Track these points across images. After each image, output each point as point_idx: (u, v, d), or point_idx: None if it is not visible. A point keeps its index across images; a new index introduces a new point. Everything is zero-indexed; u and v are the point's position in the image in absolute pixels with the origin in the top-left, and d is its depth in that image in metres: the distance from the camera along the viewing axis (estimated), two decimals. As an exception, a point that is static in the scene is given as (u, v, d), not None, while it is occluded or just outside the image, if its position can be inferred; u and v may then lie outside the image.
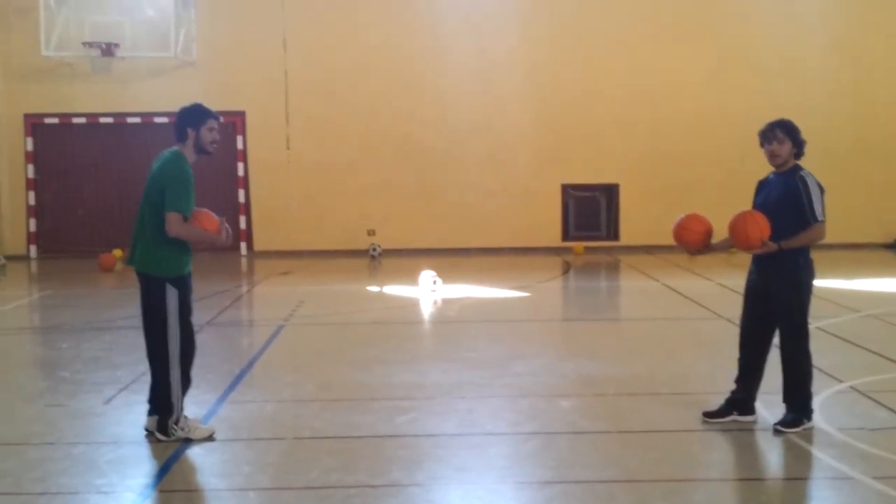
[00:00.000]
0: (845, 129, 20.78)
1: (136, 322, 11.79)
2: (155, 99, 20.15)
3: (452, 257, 19.56)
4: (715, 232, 7.11)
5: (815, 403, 6.99)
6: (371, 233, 20.75)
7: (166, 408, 6.63)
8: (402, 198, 20.83)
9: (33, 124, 20.56)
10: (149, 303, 6.68)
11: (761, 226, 6.60)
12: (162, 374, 6.63)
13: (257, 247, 20.68)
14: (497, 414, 7.47)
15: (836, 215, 21.42)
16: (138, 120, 20.43)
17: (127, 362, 9.39)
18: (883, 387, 8.08)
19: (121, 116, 20.48)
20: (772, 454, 6.51)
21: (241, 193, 20.21)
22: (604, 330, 12.10)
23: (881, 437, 6.65)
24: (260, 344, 10.52)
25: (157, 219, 6.57)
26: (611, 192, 21.23)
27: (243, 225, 20.28)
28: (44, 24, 19.07)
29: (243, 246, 20.55)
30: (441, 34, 20.73)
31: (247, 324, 12.36)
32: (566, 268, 18.32)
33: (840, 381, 8.20)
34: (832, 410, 7.24)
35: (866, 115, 20.92)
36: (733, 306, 7.18)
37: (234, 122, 20.23)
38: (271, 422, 7.16)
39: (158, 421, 6.68)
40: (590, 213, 21.41)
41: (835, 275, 15.37)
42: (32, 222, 20.69)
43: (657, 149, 20.62)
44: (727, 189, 18.14)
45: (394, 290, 15.08)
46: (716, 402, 7.11)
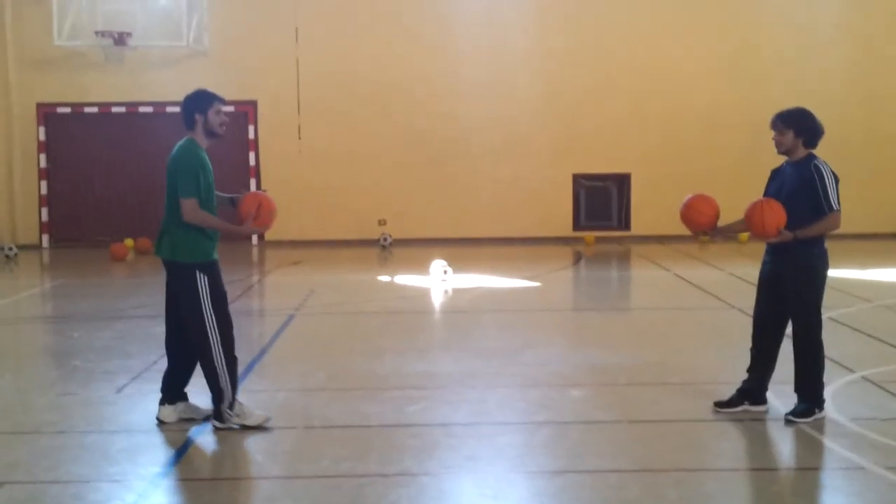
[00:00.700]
0: (859, 118, 20.67)
1: (148, 311, 11.92)
2: (167, 88, 20.13)
3: (463, 247, 19.54)
4: (726, 219, 7.08)
5: (828, 393, 6.97)
6: (382, 222, 20.75)
7: (217, 394, 6.64)
8: (414, 188, 20.81)
9: (45, 114, 20.60)
10: (181, 291, 6.65)
11: (778, 214, 6.57)
12: (207, 362, 6.62)
13: (268, 236, 20.70)
14: (508, 403, 7.47)
15: (849, 205, 21.27)
16: (150, 109, 20.44)
17: (139, 351, 9.42)
18: (895, 377, 8.05)
19: (133, 105, 20.51)
20: (783, 444, 6.50)
21: (252, 183, 20.22)
22: (615, 319, 12.08)
23: (893, 426, 6.63)
24: (271, 333, 10.54)
25: (177, 207, 6.58)
26: (622, 182, 21.18)
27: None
28: (56, 14, 19.09)
29: (254, 235, 20.59)
30: (453, 23, 20.69)
31: (258, 313, 12.39)
32: (577, 257, 18.29)
33: (852, 370, 8.18)
34: (844, 400, 7.21)
35: (880, 104, 20.81)
36: (745, 296, 7.17)
37: (246, 111, 20.24)
38: (282, 411, 7.17)
39: (213, 409, 6.70)
40: (601, 202, 21.36)
41: (847, 264, 15.31)
42: (44, 212, 20.74)
43: (669, 138, 20.55)
44: (740, 178, 18.07)
45: (405, 279, 15.09)
46: (727, 392, 7.09)
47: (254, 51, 20.41)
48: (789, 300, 6.73)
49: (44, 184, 20.68)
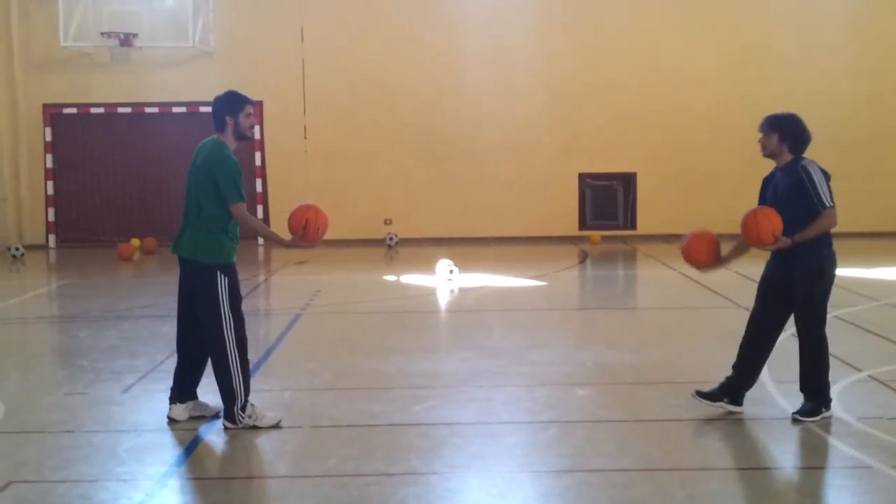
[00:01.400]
0: (864, 117, 20.66)
1: (154, 311, 11.95)
2: (173, 88, 20.22)
3: (469, 246, 19.55)
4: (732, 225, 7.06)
5: (834, 392, 6.96)
6: (388, 222, 20.76)
7: (229, 395, 6.64)
8: (419, 187, 20.83)
9: (52, 114, 20.65)
10: (199, 291, 6.65)
11: (773, 221, 6.57)
12: (221, 363, 6.62)
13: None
14: (514, 403, 7.47)
15: (855, 203, 21.40)
16: (156, 110, 20.49)
17: (145, 351, 9.44)
18: (902, 376, 8.04)
19: (139, 106, 20.55)
20: (790, 443, 6.48)
21: (258, 183, 20.24)
22: (621, 319, 12.08)
23: (900, 426, 6.63)
24: (277, 333, 10.56)
25: (208, 208, 6.59)
26: (628, 181, 21.17)
27: (261, 213, 20.32)
28: (62, 15, 19.13)
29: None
30: (458, 24, 20.70)
31: (264, 313, 12.39)
32: (583, 257, 18.29)
33: (858, 369, 8.17)
34: (850, 399, 7.20)
35: (886, 103, 20.78)
36: (751, 295, 7.14)
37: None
38: (289, 410, 7.17)
39: (224, 409, 6.70)
40: (607, 202, 21.35)
41: (853, 263, 15.28)
42: (51, 212, 20.79)
43: (675, 137, 20.54)
44: (745, 178, 17.90)
45: (411, 279, 15.10)
46: (733, 391, 7.08)
47: (259, 51, 20.44)
48: (798, 302, 6.68)
49: (50, 184, 20.74)
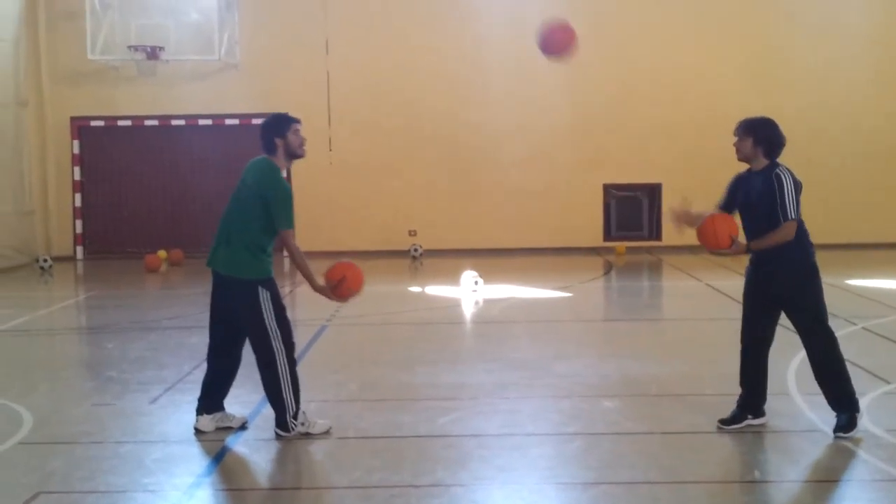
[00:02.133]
0: (888, 126, 20.53)
1: (181, 322, 12.01)
2: (199, 101, 20.37)
3: (494, 258, 19.56)
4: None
5: (863, 405, 6.87)
6: (412, 233, 20.80)
7: (280, 406, 6.71)
8: (444, 198, 20.86)
9: (79, 127, 20.84)
10: (242, 307, 6.70)
11: (729, 224, 6.59)
12: (271, 374, 6.68)
13: (300, 247, 20.79)
14: (540, 414, 7.47)
15: (880, 214, 21.21)
16: (182, 122, 20.65)
17: (172, 362, 9.50)
18: (931, 388, 7.97)
19: (165, 119, 20.71)
20: (818, 455, 6.43)
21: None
22: (646, 330, 12.05)
23: (929, 438, 6.57)
24: (303, 344, 10.56)
25: (252, 227, 6.66)
26: (653, 192, 21.11)
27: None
28: (90, 29, 19.33)
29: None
30: (482, 35, 20.74)
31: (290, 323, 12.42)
32: (608, 268, 18.25)
33: (887, 381, 8.10)
34: (879, 412, 7.14)
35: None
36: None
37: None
38: (315, 421, 7.19)
39: (276, 419, 6.76)
40: (632, 212, 21.31)
41: (881, 274, 15.19)
42: (79, 224, 20.97)
43: (700, 148, 20.44)
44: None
45: (435, 290, 15.12)
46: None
47: (284, 64, 20.56)
48: (794, 309, 6.65)
49: (78, 196, 20.92)
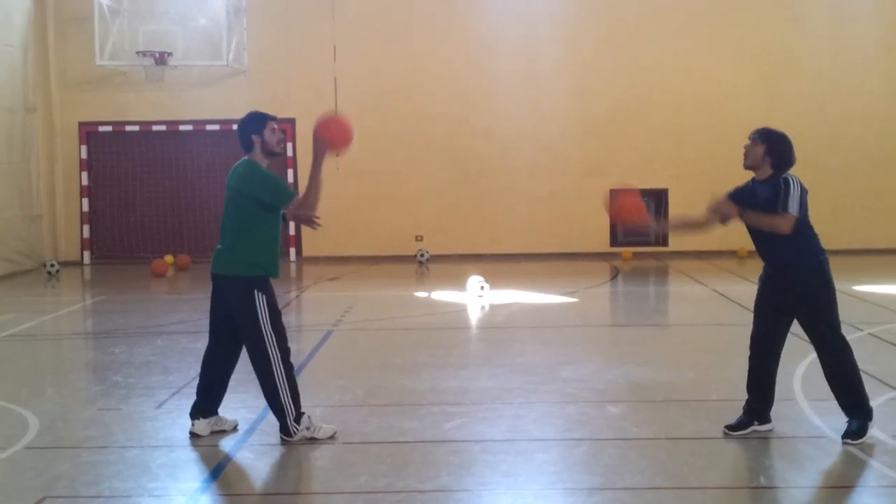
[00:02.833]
0: (897, 133, 20.52)
1: (188, 327, 12.03)
2: (207, 107, 20.41)
3: (500, 263, 19.56)
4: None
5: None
6: (419, 238, 20.81)
7: (279, 410, 6.72)
8: (450, 204, 20.86)
9: (87, 132, 20.89)
10: (238, 310, 6.72)
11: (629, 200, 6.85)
12: (267, 379, 6.70)
13: (306, 252, 20.84)
14: (545, 420, 7.46)
15: (888, 219, 21.12)
16: (190, 127, 20.68)
17: (179, 367, 9.52)
18: (938, 394, 7.95)
19: (173, 124, 20.75)
20: (824, 461, 6.42)
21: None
22: (652, 335, 12.03)
23: (936, 445, 6.55)
24: (309, 349, 10.60)
25: (246, 224, 6.69)
26: (660, 197, 21.09)
27: (293, 231, 20.45)
28: (98, 34, 19.38)
29: (292, 251, 20.75)
30: (489, 41, 20.75)
31: (296, 329, 12.43)
32: (614, 273, 18.23)
33: (894, 388, 8.07)
34: (886, 418, 7.11)
35: (920, 118, 20.62)
36: (784, 312, 7.07)
37: (285, 129, 20.40)
38: (320, 426, 7.19)
39: (279, 424, 6.78)
40: (639, 229, 21.25)
41: (889, 280, 15.15)
42: (86, 229, 21.01)
43: (706, 154, 20.42)
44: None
45: (442, 295, 15.11)
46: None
47: (292, 69, 20.60)
48: (807, 316, 6.63)
49: (85, 201, 20.96)
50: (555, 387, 8.52)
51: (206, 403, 7.00)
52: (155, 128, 20.77)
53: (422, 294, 15.73)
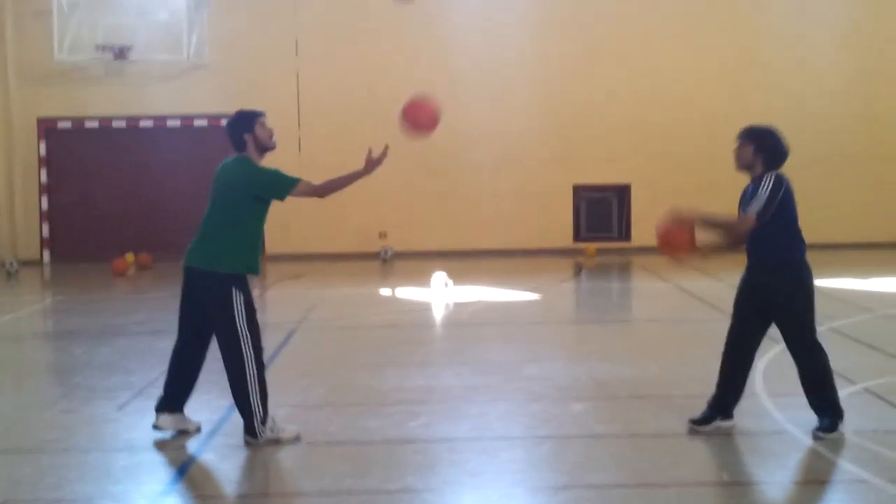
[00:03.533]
0: (858, 128, 20.77)
1: (149, 327, 11.93)
2: (168, 102, 20.25)
3: (464, 259, 19.57)
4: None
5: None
6: (382, 235, 20.77)
7: (247, 410, 6.64)
8: (414, 200, 20.85)
9: (46, 128, 20.65)
10: (214, 307, 6.64)
11: (682, 234, 6.60)
12: (238, 378, 6.62)
13: (269, 250, 20.71)
14: (510, 418, 7.46)
15: (849, 214, 21.42)
16: (151, 123, 20.53)
17: (140, 368, 9.42)
18: (897, 388, 8.04)
19: (134, 119, 20.57)
20: (786, 457, 6.46)
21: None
22: (616, 332, 12.09)
23: (895, 438, 6.63)
24: (272, 348, 10.52)
25: (231, 220, 6.66)
26: (623, 193, 21.20)
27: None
28: (57, 28, 19.17)
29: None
30: (452, 36, 20.74)
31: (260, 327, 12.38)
32: (578, 269, 18.30)
33: (854, 382, 8.15)
34: (847, 413, 7.14)
35: (879, 114, 20.90)
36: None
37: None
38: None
39: (245, 425, 6.69)
40: (602, 214, 21.39)
41: (849, 274, 15.32)
42: (45, 227, 20.78)
43: (669, 149, 20.58)
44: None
45: (406, 292, 15.10)
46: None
47: (254, 64, 20.47)
48: (783, 317, 6.64)
49: (45, 199, 20.74)
50: (519, 384, 8.53)
51: (172, 398, 6.91)
52: (115, 123, 20.59)
53: (386, 291, 15.71)
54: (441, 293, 14.33)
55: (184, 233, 6.82)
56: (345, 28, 20.64)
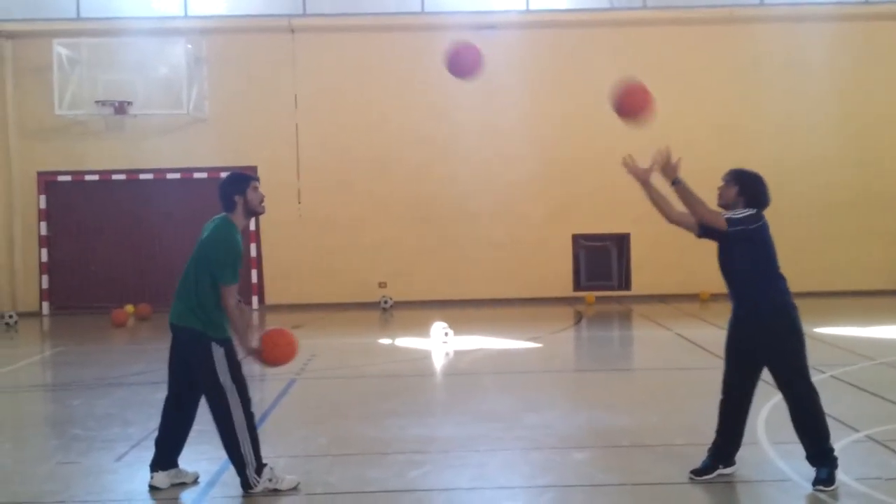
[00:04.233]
0: (853, 178, 20.91)
1: (148, 378, 11.89)
2: (167, 155, 20.37)
3: (464, 308, 19.55)
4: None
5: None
6: (382, 285, 20.78)
7: (239, 462, 6.63)
8: (413, 250, 20.89)
9: (46, 182, 20.75)
10: (196, 362, 6.63)
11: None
12: (227, 431, 6.60)
13: (269, 300, 20.71)
14: (511, 467, 7.42)
15: (846, 263, 21.43)
16: (151, 176, 20.62)
17: (138, 419, 9.38)
18: (900, 435, 8.00)
19: (133, 173, 20.68)
20: (789, 505, 6.43)
21: (252, 247, 20.30)
22: (617, 380, 12.04)
23: (899, 486, 6.58)
24: (272, 398, 10.50)
25: (205, 283, 6.60)
26: (622, 242, 21.24)
27: (255, 279, 20.34)
28: (57, 84, 19.34)
29: (255, 300, 20.63)
30: (450, 89, 20.82)
31: (258, 377, 12.31)
32: (578, 318, 18.28)
33: (856, 430, 8.12)
34: (848, 460, 7.14)
35: (873, 164, 21.06)
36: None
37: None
38: (284, 477, 7.10)
39: (239, 476, 6.68)
40: (601, 262, 21.42)
41: (848, 322, 15.30)
42: (45, 279, 20.80)
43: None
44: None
45: (405, 342, 15.06)
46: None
47: (253, 117, 20.63)
48: (775, 362, 6.62)
49: (44, 251, 20.79)
50: (520, 433, 8.48)
51: (166, 455, 6.91)
52: (115, 177, 20.70)
53: (385, 341, 15.67)
54: (441, 342, 14.29)
55: (180, 285, 6.80)
56: (343, 82, 20.81)
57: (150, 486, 6.84)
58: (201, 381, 6.64)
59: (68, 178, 20.74)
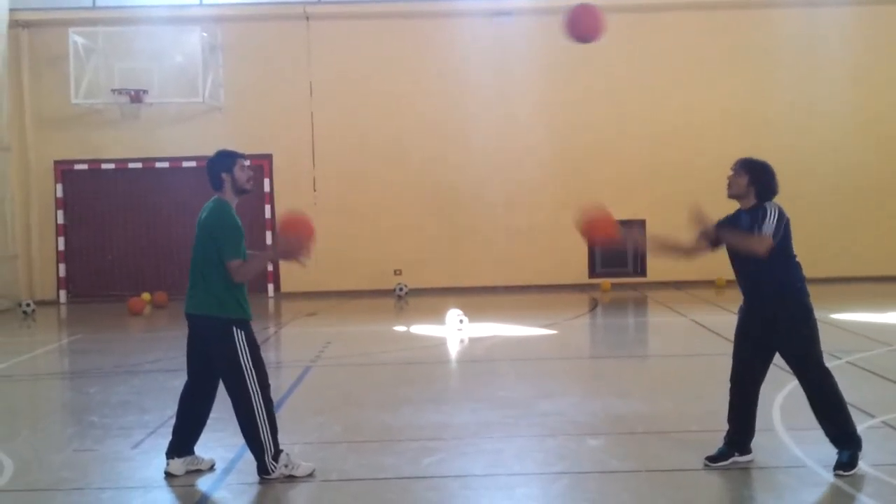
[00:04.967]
0: (870, 162, 20.75)
1: (164, 365, 11.94)
2: (183, 144, 20.39)
3: (479, 296, 19.55)
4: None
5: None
6: (398, 272, 20.79)
7: (258, 447, 6.65)
8: (428, 237, 20.88)
9: (63, 171, 20.83)
10: (216, 349, 6.64)
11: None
12: (247, 417, 6.62)
13: (284, 288, 20.77)
14: (525, 454, 7.42)
15: (864, 249, 21.31)
16: (166, 164, 20.67)
17: (155, 406, 9.42)
18: (916, 422, 7.96)
19: (149, 161, 20.73)
20: (804, 492, 6.40)
21: (268, 235, 20.33)
22: (632, 367, 12.02)
23: (916, 473, 6.55)
24: (287, 385, 10.53)
25: (215, 266, 6.60)
26: (637, 229, 21.16)
27: (270, 266, 20.38)
28: (73, 73, 19.38)
29: (270, 287, 20.69)
30: (465, 76, 20.86)
31: (274, 365, 12.36)
32: (593, 305, 18.25)
33: (872, 416, 8.08)
34: (866, 446, 7.08)
35: (891, 148, 20.85)
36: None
37: (262, 165, 20.39)
38: (299, 464, 7.12)
39: (256, 462, 6.70)
40: (616, 249, 21.33)
41: (865, 308, 15.23)
42: (62, 267, 20.89)
43: (683, 184, 20.53)
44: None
45: (420, 329, 15.07)
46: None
47: (269, 105, 20.64)
48: (789, 348, 6.61)
49: (61, 240, 20.86)
50: (534, 420, 8.48)
51: (182, 442, 6.94)
52: (131, 165, 20.75)
53: (401, 328, 15.69)
54: (456, 329, 14.30)
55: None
56: (359, 70, 20.78)
57: (166, 473, 6.87)
58: (222, 367, 6.65)
59: (85, 166, 20.81)
